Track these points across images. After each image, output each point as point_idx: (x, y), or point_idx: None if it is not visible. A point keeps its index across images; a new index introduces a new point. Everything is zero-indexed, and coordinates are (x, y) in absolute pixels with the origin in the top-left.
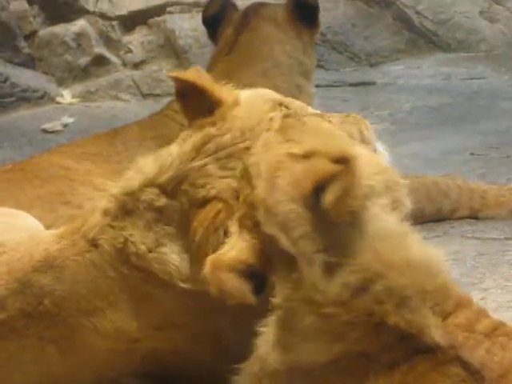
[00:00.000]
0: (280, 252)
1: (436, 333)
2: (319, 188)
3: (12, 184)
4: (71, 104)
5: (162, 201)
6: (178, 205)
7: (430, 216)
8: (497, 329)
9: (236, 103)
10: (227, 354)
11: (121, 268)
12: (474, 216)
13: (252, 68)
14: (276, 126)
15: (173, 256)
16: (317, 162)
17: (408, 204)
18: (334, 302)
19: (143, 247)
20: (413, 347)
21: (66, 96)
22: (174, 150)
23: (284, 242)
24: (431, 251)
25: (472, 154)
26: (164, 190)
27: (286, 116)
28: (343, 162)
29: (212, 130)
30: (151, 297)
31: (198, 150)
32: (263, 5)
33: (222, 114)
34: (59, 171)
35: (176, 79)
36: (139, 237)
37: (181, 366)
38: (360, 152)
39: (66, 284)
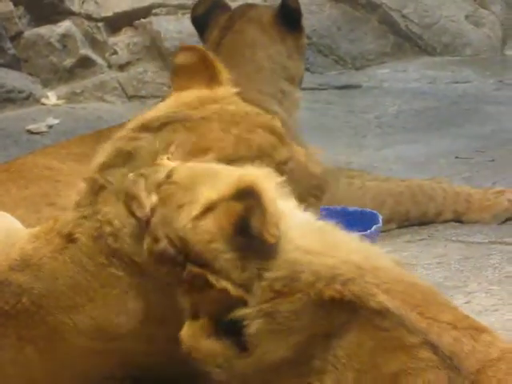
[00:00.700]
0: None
1: (383, 297)
2: (239, 229)
3: None
4: (56, 105)
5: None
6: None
7: (414, 219)
8: (462, 320)
9: None
10: None
11: (99, 259)
12: (459, 219)
13: (235, 72)
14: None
15: None
16: (222, 210)
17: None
18: (270, 300)
19: (117, 222)
20: (365, 316)
21: (51, 97)
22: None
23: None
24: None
25: (457, 157)
26: None
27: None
28: (245, 195)
29: None
30: (132, 288)
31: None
32: (251, 7)
33: None
34: (44, 172)
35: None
36: (113, 213)
37: (160, 367)
38: (249, 172)
39: (44, 281)
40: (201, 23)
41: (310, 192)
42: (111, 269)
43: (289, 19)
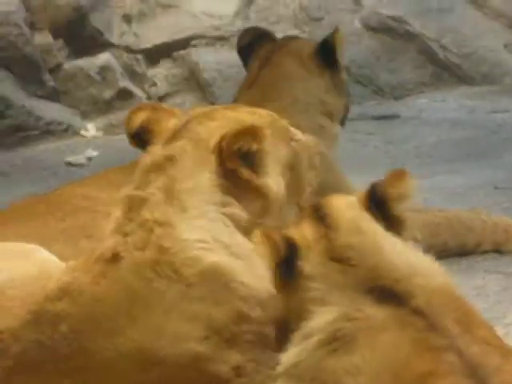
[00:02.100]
0: None
1: (422, 300)
2: None
3: (35, 217)
4: (95, 137)
5: (169, 149)
6: (186, 142)
7: (453, 250)
8: (496, 340)
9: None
10: None
11: (144, 272)
12: (498, 250)
13: (271, 104)
14: None
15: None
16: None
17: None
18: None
19: (170, 221)
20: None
21: (91, 129)
22: None
23: None
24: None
25: (496, 187)
26: (166, 142)
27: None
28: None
29: None
30: (174, 308)
31: None
32: (292, 39)
33: None
34: (82, 202)
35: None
36: (165, 215)
37: None
38: None
39: (84, 306)
40: (245, 53)
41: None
42: (155, 283)
43: (328, 54)
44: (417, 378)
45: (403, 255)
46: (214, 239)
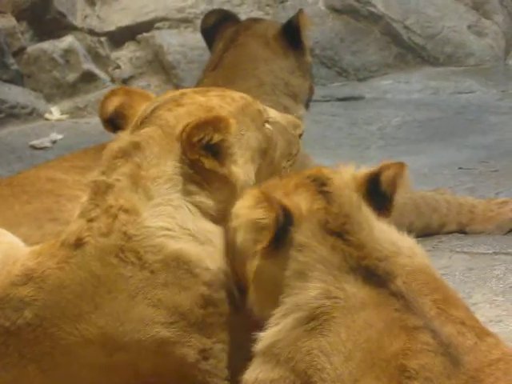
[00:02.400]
0: None
1: (400, 282)
2: None
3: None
4: (60, 120)
5: (136, 136)
6: (153, 129)
7: (418, 231)
8: (472, 321)
9: None
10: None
11: (109, 258)
12: (463, 231)
13: (235, 86)
14: None
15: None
16: None
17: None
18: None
19: (135, 208)
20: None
21: (55, 112)
22: None
23: None
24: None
25: (460, 168)
26: (133, 128)
27: None
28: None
29: None
30: (139, 292)
31: None
32: (257, 21)
33: None
34: (46, 185)
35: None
36: (129, 202)
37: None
38: None
39: (48, 292)
40: (209, 35)
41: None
42: (120, 269)
43: (293, 36)
44: (390, 356)
45: (389, 236)
46: (179, 226)
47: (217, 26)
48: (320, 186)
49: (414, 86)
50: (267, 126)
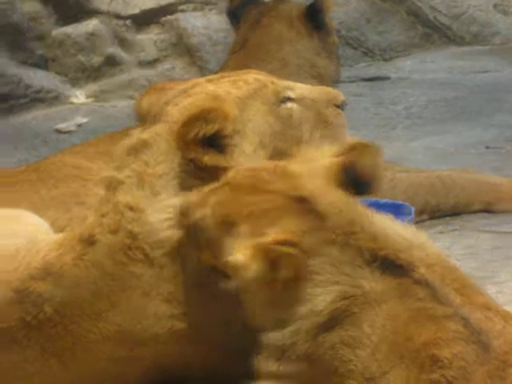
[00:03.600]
0: None
1: (424, 270)
2: None
3: (26, 185)
4: (85, 104)
5: (146, 133)
6: (161, 126)
7: (446, 210)
8: (495, 305)
9: None
10: (237, 356)
11: (118, 256)
12: (489, 210)
13: (260, 67)
14: None
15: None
16: None
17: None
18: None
19: (139, 206)
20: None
21: (80, 96)
22: None
23: None
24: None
25: (487, 147)
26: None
27: None
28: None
29: None
30: (152, 289)
31: None
32: (281, 2)
33: None
34: (73, 171)
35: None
36: (135, 199)
37: (187, 372)
38: None
39: (66, 289)
40: (235, 17)
41: None
42: (130, 267)
43: (317, 17)
44: (420, 347)
45: (395, 229)
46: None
47: (242, 8)
48: (300, 203)
49: (440, 66)
50: (287, 104)
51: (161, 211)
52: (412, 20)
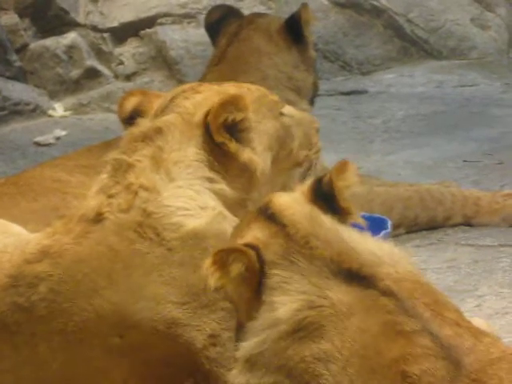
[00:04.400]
0: None
1: (390, 282)
2: None
3: (5, 198)
4: (63, 117)
5: (157, 122)
6: (174, 116)
7: (423, 224)
8: (466, 322)
9: None
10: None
11: (127, 233)
12: (468, 223)
13: (239, 79)
14: None
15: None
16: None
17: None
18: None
19: (155, 187)
20: (373, 295)
21: (58, 109)
22: None
23: None
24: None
25: (465, 161)
26: (154, 115)
27: None
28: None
29: None
30: (154, 270)
31: None
32: (260, 15)
33: None
34: (52, 184)
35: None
36: (150, 181)
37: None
38: None
39: (65, 267)
40: (213, 30)
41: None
42: (137, 245)
43: (296, 30)
44: (390, 362)
45: (365, 245)
46: (200, 207)
47: (220, 22)
48: (265, 211)
49: (417, 80)
50: (284, 116)
51: (178, 197)
52: (389, 34)
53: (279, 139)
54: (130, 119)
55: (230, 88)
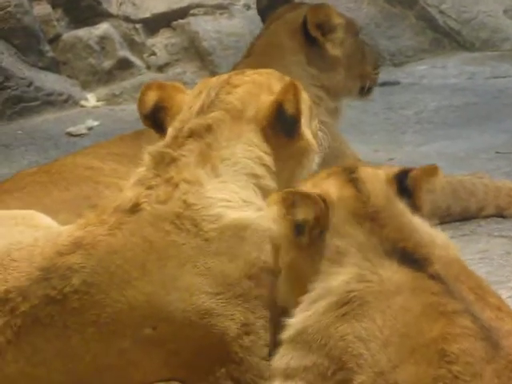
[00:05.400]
0: None
1: (439, 266)
2: None
3: (38, 187)
4: (95, 107)
5: (205, 118)
6: (222, 113)
7: (456, 215)
8: (508, 307)
9: None
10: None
11: (163, 224)
12: (501, 214)
13: None
14: None
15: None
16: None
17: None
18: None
19: (198, 181)
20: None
21: (91, 99)
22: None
23: None
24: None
25: (498, 152)
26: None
27: None
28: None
29: None
30: (189, 261)
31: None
32: (294, 7)
33: None
34: (84, 172)
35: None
36: (193, 176)
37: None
38: None
39: (99, 258)
40: (264, 16)
41: None
42: (173, 236)
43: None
44: (429, 341)
45: (423, 227)
46: (242, 200)
47: (270, 7)
48: (350, 173)
49: (449, 71)
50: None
51: (221, 190)
52: (422, 25)
53: (310, 120)
54: (151, 114)
55: (263, 77)
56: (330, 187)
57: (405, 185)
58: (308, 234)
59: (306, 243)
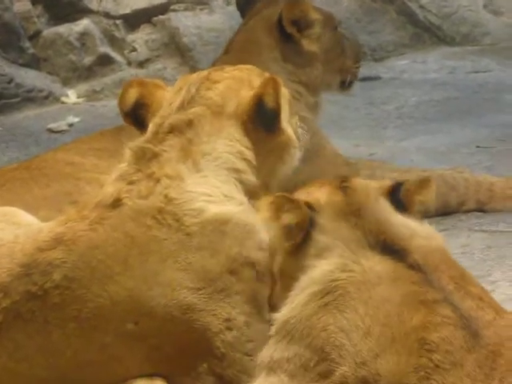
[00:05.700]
0: None
1: (418, 256)
2: None
3: (18, 184)
4: (76, 103)
5: (186, 114)
6: (203, 109)
7: (437, 210)
8: (489, 298)
9: None
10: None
11: (144, 219)
12: (482, 209)
13: None
14: None
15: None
16: None
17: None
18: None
19: (179, 175)
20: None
21: (71, 96)
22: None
23: None
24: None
25: (478, 146)
26: (180, 107)
27: None
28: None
29: None
30: (170, 256)
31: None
32: (272, 3)
33: None
34: (65, 168)
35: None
36: (174, 171)
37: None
38: None
39: (80, 254)
40: (243, 11)
41: None
42: (154, 231)
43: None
44: (410, 330)
45: (405, 221)
46: (223, 195)
47: (249, 3)
48: (342, 182)
49: (430, 66)
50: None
51: (202, 185)
52: (402, 20)
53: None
54: (131, 112)
55: (242, 73)
56: (321, 195)
57: (398, 197)
58: (294, 238)
59: (294, 247)
